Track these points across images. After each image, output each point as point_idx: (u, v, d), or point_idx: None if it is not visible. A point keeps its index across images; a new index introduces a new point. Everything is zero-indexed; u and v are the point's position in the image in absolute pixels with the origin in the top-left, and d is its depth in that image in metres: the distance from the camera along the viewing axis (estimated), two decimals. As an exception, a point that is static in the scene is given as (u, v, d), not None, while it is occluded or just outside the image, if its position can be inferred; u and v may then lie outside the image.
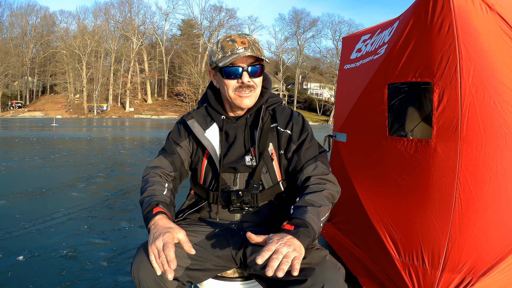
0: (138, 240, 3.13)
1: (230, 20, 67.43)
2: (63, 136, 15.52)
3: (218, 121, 1.40)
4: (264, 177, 1.35)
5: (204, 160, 1.42)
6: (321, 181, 1.27)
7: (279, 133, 1.37)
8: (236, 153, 1.36)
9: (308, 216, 1.11)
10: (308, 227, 1.09)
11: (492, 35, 1.69)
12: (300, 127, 1.39)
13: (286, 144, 1.37)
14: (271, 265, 0.95)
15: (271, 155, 1.36)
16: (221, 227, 1.37)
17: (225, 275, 1.35)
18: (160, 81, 66.55)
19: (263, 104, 1.40)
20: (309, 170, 1.30)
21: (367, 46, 2.56)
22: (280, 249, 0.98)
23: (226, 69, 1.30)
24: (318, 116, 63.24)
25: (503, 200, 1.69)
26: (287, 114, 1.42)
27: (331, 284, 1.04)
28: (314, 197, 1.19)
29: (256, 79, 1.33)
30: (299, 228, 1.07)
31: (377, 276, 2.11)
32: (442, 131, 1.76)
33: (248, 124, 1.40)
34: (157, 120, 48.72)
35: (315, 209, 1.15)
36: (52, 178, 5.92)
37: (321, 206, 1.17)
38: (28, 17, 65.52)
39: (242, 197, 1.32)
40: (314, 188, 1.23)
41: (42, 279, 2.34)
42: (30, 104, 62.41)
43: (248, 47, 1.28)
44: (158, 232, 1.11)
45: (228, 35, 1.33)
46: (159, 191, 1.29)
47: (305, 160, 1.32)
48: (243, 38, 1.30)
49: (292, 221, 1.11)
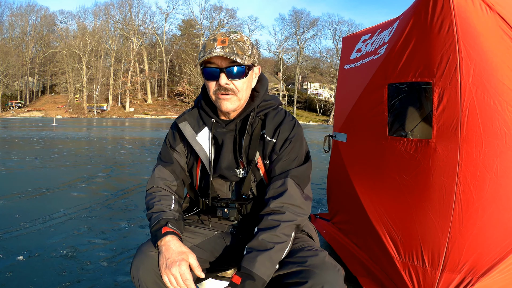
0: (138, 240, 3.13)
1: (230, 20, 67.48)
2: (63, 136, 15.52)
3: (209, 125, 1.35)
4: (254, 185, 1.32)
5: (198, 165, 1.39)
6: (280, 208, 1.19)
7: (265, 142, 1.30)
8: (225, 160, 1.32)
9: (256, 267, 1.10)
10: (255, 280, 1.08)
11: (492, 35, 1.69)
12: (285, 135, 1.29)
13: (269, 153, 1.30)
14: None
15: (257, 165, 1.30)
16: (220, 229, 1.38)
17: (225, 275, 1.35)
18: (160, 81, 66.57)
19: (253, 109, 1.32)
20: (274, 186, 1.23)
21: (367, 46, 2.56)
22: None
23: (204, 69, 1.23)
24: (318, 116, 63.25)
25: (503, 200, 1.69)
26: (277, 121, 1.32)
27: (331, 285, 1.04)
28: (268, 237, 1.15)
29: (237, 81, 1.23)
30: (245, 280, 1.08)
31: (377, 276, 2.11)
32: (442, 131, 1.76)
33: (237, 130, 1.33)
34: (157, 120, 48.72)
35: (266, 255, 1.12)
36: (52, 178, 5.91)
37: (274, 247, 1.13)
38: (28, 17, 65.60)
39: (228, 215, 1.31)
40: (269, 223, 1.17)
41: (42, 279, 2.33)
42: (30, 104, 62.41)
43: (227, 46, 1.19)
44: (172, 259, 1.12)
45: (215, 34, 1.26)
46: (167, 207, 1.28)
47: (275, 173, 1.26)
48: (225, 37, 1.21)
49: (240, 272, 1.10)
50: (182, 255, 1.13)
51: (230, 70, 1.21)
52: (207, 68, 1.23)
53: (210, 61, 1.22)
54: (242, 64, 1.21)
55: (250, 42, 1.27)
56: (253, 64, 1.27)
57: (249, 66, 1.25)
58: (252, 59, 1.25)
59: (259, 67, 1.35)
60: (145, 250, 1.19)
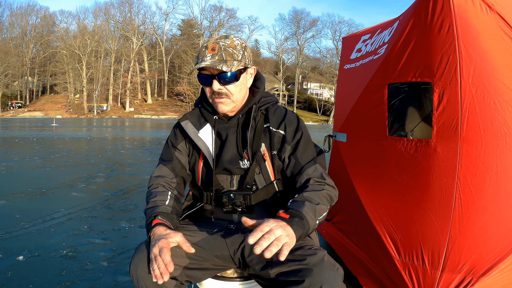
0: (138, 240, 3.13)
1: (230, 20, 67.59)
2: (63, 136, 15.52)
3: (211, 121, 1.40)
4: (258, 178, 1.34)
5: (200, 161, 1.42)
6: (320, 183, 1.26)
7: (271, 133, 1.35)
8: (229, 154, 1.35)
9: (305, 210, 1.11)
10: (303, 219, 1.08)
11: (492, 35, 1.69)
12: (294, 127, 1.35)
13: (279, 145, 1.34)
14: (261, 243, 0.93)
15: (263, 155, 1.34)
16: (219, 227, 1.38)
17: (225, 275, 1.35)
18: (160, 81, 66.58)
19: (255, 103, 1.38)
20: (308, 172, 1.29)
21: (367, 46, 2.56)
22: (274, 230, 0.97)
23: (199, 76, 1.31)
24: (318, 116, 63.27)
25: (503, 200, 1.69)
26: (280, 114, 1.38)
27: (329, 284, 1.04)
28: (313, 195, 1.19)
29: (230, 85, 1.29)
30: (294, 218, 1.07)
31: (377, 276, 2.11)
32: (442, 131, 1.76)
33: (240, 125, 1.38)
34: (157, 120, 48.73)
35: (312, 205, 1.15)
36: (52, 178, 5.91)
37: (319, 204, 1.17)
38: (28, 17, 65.63)
39: (234, 199, 1.32)
40: (313, 188, 1.23)
41: (42, 279, 2.34)
42: (30, 104, 62.43)
43: (216, 53, 1.25)
44: (154, 241, 1.14)
45: (207, 41, 1.31)
46: (161, 202, 1.31)
47: (304, 162, 1.31)
48: (215, 44, 1.26)
49: (288, 211, 1.10)
50: (164, 235, 1.15)
51: (221, 76, 1.27)
52: (201, 74, 1.30)
53: (203, 68, 1.28)
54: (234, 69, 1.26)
55: (242, 45, 1.31)
56: (246, 66, 1.32)
57: (240, 70, 1.29)
58: (243, 63, 1.29)
59: (254, 68, 1.39)
60: (143, 249, 1.19)
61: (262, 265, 1.20)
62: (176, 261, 1.18)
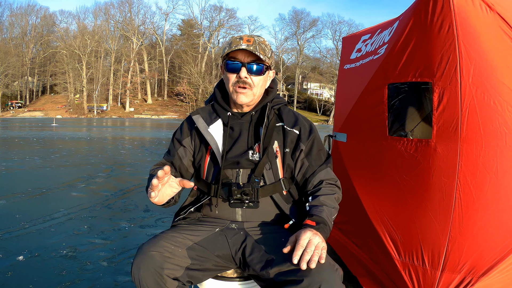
0: (138, 240, 3.13)
1: (230, 20, 67.55)
2: (63, 136, 15.51)
3: (224, 117, 1.43)
4: (267, 173, 1.36)
5: (207, 157, 1.43)
6: (332, 186, 1.36)
7: (285, 132, 1.40)
8: (239, 148, 1.38)
9: (325, 215, 1.22)
10: (327, 225, 1.19)
11: (492, 35, 1.69)
12: (308, 129, 1.43)
13: (294, 144, 1.40)
14: (304, 258, 1.02)
15: (276, 152, 1.38)
16: (221, 226, 1.37)
17: (225, 275, 1.35)
18: (160, 81, 66.54)
19: (269, 102, 1.43)
20: (321, 175, 1.37)
21: (367, 46, 2.56)
22: (312, 240, 1.07)
23: (227, 62, 1.35)
24: (318, 116, 63.22)
25: (503, 200, 1.69)
26: (293, 115, 1.46)
27: (328, 284, 1.04)
28: (327, 199, 1.29)
29: (255, 77, 1.35)
30: (319, 224, 1.17)
31: (377, 276, 2.11)
32: (442, 131, 1.76)
33: (253, 121, 1.42)
34: (157, 120, 48.72)
35: (329, 209, 1.25)
36: (52, 178, 5.91)
37: (334, 208, 1.28)
38: (28, 17, 65.56)
39: (243, 187, 1.32)
40: (326, 191, 1.32)
41: (42, 279, 2.34)
42: (30, 104, 62.40)
43: (251, 44, 1.32)
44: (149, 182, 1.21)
45: (240, 35, 1.39)
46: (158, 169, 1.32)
47: (317, 165, 1.38)
48: (251, 37, 1.35)
49: (313, 217, 1.19)
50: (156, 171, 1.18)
51: (250, 66, 1.34)
52: (230, 61, 1.35)
53: (233, 56, 1.34)
54: (262, 63, 1.35)
55: (270, 48, 1.41)
56: (270, 66, 1.40)
57: (267, 66, 1.38)
58: (270, 61, 1.39)
59: (274, 71, 1.47)
60: (146, 249, 1.19)
61: (262, 265, 1.20)
62: (179, 262, 1.19)
